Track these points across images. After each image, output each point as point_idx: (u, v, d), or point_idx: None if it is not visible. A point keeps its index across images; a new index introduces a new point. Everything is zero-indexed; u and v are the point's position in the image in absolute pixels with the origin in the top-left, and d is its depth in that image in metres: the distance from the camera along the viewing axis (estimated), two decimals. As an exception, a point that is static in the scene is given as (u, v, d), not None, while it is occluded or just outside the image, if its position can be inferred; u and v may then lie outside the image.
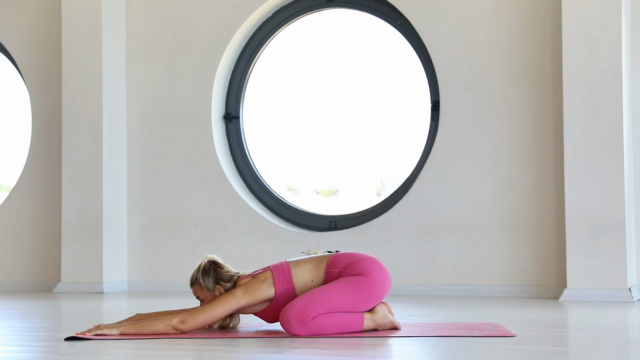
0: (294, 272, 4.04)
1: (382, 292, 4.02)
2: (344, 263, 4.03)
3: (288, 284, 4.02)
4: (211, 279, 4.11)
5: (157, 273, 6.92)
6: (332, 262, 4.05)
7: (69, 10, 6.94)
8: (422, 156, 6.47)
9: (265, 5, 6.83)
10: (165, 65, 7.00)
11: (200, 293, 4.11)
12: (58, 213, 7.08)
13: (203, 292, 4.09)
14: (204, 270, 4.13)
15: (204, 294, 4.10)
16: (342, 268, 4.02)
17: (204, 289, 4.09)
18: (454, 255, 6.24)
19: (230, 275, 4.13)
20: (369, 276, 3.98)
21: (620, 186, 5.71)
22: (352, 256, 4.06)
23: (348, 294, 3.94)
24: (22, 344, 3.89)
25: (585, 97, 5.79)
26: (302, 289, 4.02)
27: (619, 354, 3.44)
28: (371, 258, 4.05)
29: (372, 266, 4.01)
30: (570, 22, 5.82)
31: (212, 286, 4.09)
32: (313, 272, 4.05)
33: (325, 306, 3.90)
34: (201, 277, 4.11)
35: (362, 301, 3.96)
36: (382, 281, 4.01)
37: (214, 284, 4.09)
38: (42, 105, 7.24)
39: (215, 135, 6.87)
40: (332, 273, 4.03)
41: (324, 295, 3.92)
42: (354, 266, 4.01)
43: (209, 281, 4.11)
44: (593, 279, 5.71)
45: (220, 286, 4.08)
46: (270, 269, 4.06)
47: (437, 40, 6.35)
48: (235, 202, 6.77)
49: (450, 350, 3.55)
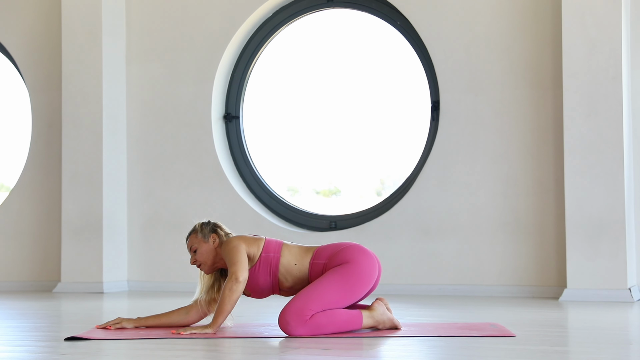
0: (283, 249, 4.14)
1: (371, 275, 4.04)
2: (328, 254, 4.09)
3: (275, 253, 4.10)
4: (208, 228, 4.22)
5: (157, 273, 6.92)
6: (317, 253, 4.12)
7: (69, 10, 6.94)
8: (422, 156, 6.47)
9: (265, 5, 6.83)
10: (165, 65, 7.00)
11: (195, 242, 4.19)
12: (58, 213, 7.08)
13: (198, 240, 4.18)
14: (203, 222, 4.25)
15: (198, 243, 4.18)
16: (326, 259, 4.07)
17: (199, 238, 4.18)
18: (454, 255, 6.24)
19: (225, 231, 4.25)
20: (354, 262, 4.03)
21: (620, 186, 5.71)
22: (335, 246, 4.12)
23: (339, 284, 3.97)
24: (22, 344, 3.89)
25: (585, 97, 5.79)
26: (285, 268, 4.10)
27: (619, 354, 3.45)
28: (354, 245, 4.11)
29: (356, 252, 4.06)
30: (570, 22, 5.82)
31: (207, 233, 4.19)
32: (298, 257, 4.13)
33: (320, 302, 3.92)
34: (199, 226, 4.22)
35: (354, 289, 4.00)
36: (369, 265, 4.04)
37: (210, 233, 4.19)
38: (42, 105, 7.24)
39: (215, 135, 6.87)
40: (317, 265, 4.08)
41: (316, 291, 3.94)
42: (337, 255, 4.06)
43: (205, 229, 4.22)
44: (593, 279, 5.71)
45: (216, 235, 4.19)
46: (265, 238, 4.17)
47: (437, 40, 6.35)
48: (235, 202, 6.77)
49: (450, 350, 3.55)
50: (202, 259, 4.18)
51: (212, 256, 4.19)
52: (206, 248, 4.18)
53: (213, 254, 4.18)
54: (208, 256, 4.18)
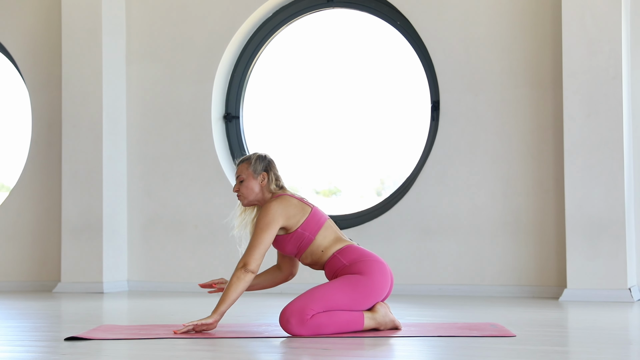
0: (320, 232, 4.07)
1: (380, 294, 4.03)
2: (352, 257, 4.04)
3: (310, 234, 4.04)
4: (262, 165, 4.13)
5: (157, 273, 6.92)
6: (344, 250, 4.06)
7: (69, 10, 6.95)
8: (422, 156, 6.47)
9: (265, 5, 6.83)
10: (165, 65, 7.00)
11: (243, 172, 4.12)
12: (58, 213, 7.08)
13: (247, 172, 4.11)
14: (260, 155, 4.16)
15: (247, 175, 4.11)
16: (348, 262, 4.03)
17: (249, 170, 4.11)
18: (454, 255, 6.24)
19: (277, 176, 4.16)
20: (370, 278, 3.98)
21: (620, 186, 5.71)
22: (361, 254, 4.06)
23: (346, 292, 3.95)
24: (22, 344, 3.89)
25: (585, 97, 5.79)
26: (312, 249, 4.06)
27: (619, 354, 3.45)
28: (377, 260, 4.06)
29: (376, 268, 4.02)
30: (570, 22, 5.82)
31: (259, 170, 4.11)
32: (328, 245, 4.07)
33: (323, 304, 3.91)
34: (254, 159, 4.13)
35: (359, 300, 3.97)
36: (382, 284, 4.01)
37: (262, 170, 4.12)
38: (42, 105, 7.24)
39: (215, 135, 6.87)
40: (338, 261, 4.03)
41: (322, 293, 3.93)
42: (358, 264, 4.02)
43: (259, 164, 4.14)
44: (593, 279, 5.71)
45: (266, 174, 4.12)
46: (312, 209, 4.08)
47: (437, 40, 6.35)
48: (235, 202, 6.73)
49: (450, 350, 3.55)
50: (245, 192, 4.12)
51: (254, 194, 4.13)
52: (252, 184, 4.12)
53: (255, 192, 4.13)
54: (250, 192, 4.13)
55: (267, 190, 4.15)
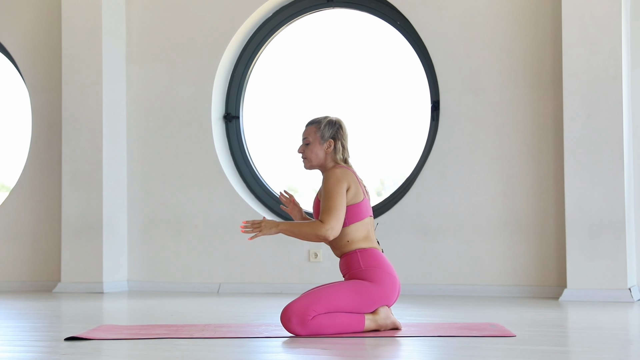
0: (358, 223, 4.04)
1: (383, 304, 4.02)
2: (370, 262, 4.02)
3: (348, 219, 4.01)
4: (331, 131, 4.10)
5: (157, 273, 6.92)
6: (367, 251, 4.04)
7: (69, 10, 6.94)
8: (422, 156, 6.47)
9: (265, 5, 6.83)
10: (165, 65, 7.00)
11: (311, 135, 4.10)
12: (58, 213, 7.08)
13: (315, 136, 4.09)
14: (330, 120, 4.13)
15: (314, 138, 4.09)
16: (365, 265, 4.01)
17: (317, 135, 4.08)
18: (454, 255, 6.24)
19: (344, 145, 4.13)
20: (378, 287, 3.98)
21: (620, 186, 5.71)
22: (379, 262, 4.04)
23: (351, 297, 3.94)
24: (22, 344, 3.89)
25: (585, 97, 5.79)
26: (340, 236, 4.03)
27: (619, 354, 3.45)
28: (390, 273, 4.04)
29: (386, 280, 4.01)
30: (570, 22, 5.82)
31: (327, 136, 4.09)
32: (356, 238, 4.03)
33: (326, 306, 3.90)
34: (324, 124, 4.10)
35: (362, 306, 3.97)
36: (387, 296, 4.01)
37: (329, 137, 4.09)
38: (42, 105, 7.24)
39: (215, 135, 6.87)
40: (356, 259, 4.01)
41: (326, 295, 3.92)
42: (372, 271, 4.00)
43: (328, 130, 4.11)
44: (593, 279, 5.71)
45: (333, 141, 4.09)
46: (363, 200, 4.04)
47: (437, 40, 6.35)
48: (235, 202, 6.77)
49: (450, 350, 3.55)
50: (310, 155, 4.10)
51: (318, 159, 4.11)
52: (317, 149, 4.10)
53: (320, 158, 4.11)
54: (315, 157, 4.11)
55: (332, 158, 4.13)
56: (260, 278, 6.65)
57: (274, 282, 6.57)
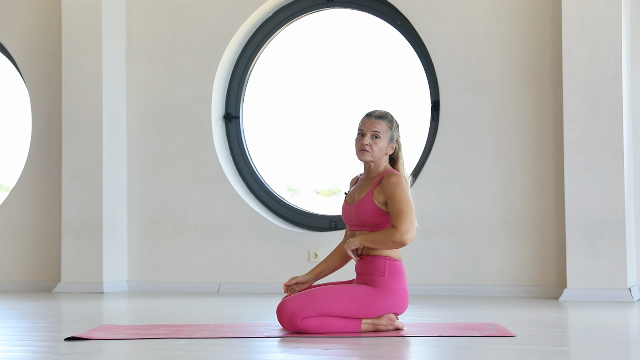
0: None
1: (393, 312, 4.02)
2: (395, 273, 4.01)
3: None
4: (398, 134, 4.12)
5: (157, 273, 6.92)
6: (395, 262, 4.02)
7: (69, 10, 6.95)
8: (422, 156, 6.48)
9: (265, 5, 6.83)
10: (165, 65, 7.00)
11: (381, 130, 4.07)
12: (58, 213, 7.08)
13: (384, 133, 4.08)
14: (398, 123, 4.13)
15: (383, 134, 4.07)
16: (389, 275, 3.99)
17: (387, 133, 4.08)
18: (454, 255, 6.24)
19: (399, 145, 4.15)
20: (392, 299, 3.97)
21: (620, 186, 5.72)
22: (402, 277, 4.03)
23: (349, 304, 3.92)
24: (22, 344, 3.89)
25: (585, 97, 5.79)
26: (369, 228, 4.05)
27: (619, 354, 3.45)
28: (405, 291, 4.02)
29: (401, 294, 4.00)
30: (570, 22, 5.82)
31: (396, 135, 4.10)
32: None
33: (318, 310, 3.90)
34: (396, 123, 4.11)
35: (362, 313, 3.95)
36: (397, 309, 4.01)
37: (398, 137, 4.12)
38: (42, 105, 7.24)
39: (215, 135, 6.87)
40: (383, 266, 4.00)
41: (322, 299, 3.91)
42: (391, 283, 3.98)
43: (397, 132, 4.12)
44: (593, 279, 5.71)
45: (395, 144, 4.11)
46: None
47: (437, 40, 6.35)
48: (235, 202, 6.77)
49: (450, 350, 3.55)
50: (375, 149, 4.07)
51: (380, 156, 4.10)
52: (384, 145, 4.09)
53: (382, 155, 4.10)
54: (379, 153, 4.09)
55: (385, 159, 4.13)
56: (260, 278, 6.65)
57: (274, 282, 6.57)
